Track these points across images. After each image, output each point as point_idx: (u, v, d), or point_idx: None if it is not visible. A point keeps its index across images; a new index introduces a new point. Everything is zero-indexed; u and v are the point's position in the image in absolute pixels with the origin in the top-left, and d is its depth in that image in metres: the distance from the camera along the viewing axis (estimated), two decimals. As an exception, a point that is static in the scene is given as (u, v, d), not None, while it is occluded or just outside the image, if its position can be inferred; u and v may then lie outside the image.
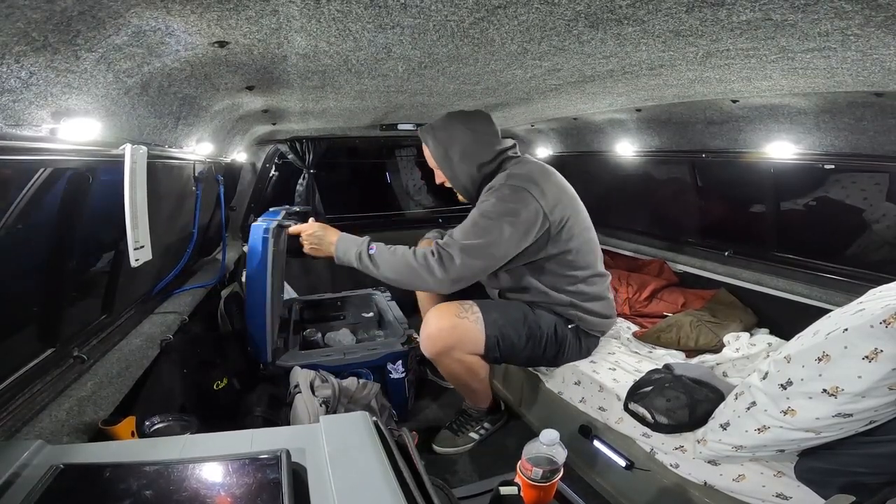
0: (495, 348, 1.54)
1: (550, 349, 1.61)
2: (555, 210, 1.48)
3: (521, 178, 1.48)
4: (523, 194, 1.44)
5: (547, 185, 1.50)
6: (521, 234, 1.44)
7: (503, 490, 0.87)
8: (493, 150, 1.57)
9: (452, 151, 1.57)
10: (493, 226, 1.42)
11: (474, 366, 1.59)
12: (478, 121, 1.59)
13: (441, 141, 1.58)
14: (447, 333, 1.52)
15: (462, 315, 1.53)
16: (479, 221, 1.45)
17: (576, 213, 1.56)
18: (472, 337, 1.52)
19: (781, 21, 0.77)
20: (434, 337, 1.54)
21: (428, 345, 1.56)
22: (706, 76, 1.22)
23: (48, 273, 1.04)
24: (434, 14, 0.76)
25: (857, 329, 0.91)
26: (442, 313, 1.54)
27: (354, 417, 0.80)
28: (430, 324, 1.55)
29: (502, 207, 1.43)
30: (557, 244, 1.51)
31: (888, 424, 0.94)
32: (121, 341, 1.27)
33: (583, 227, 1.59)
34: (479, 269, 1.45)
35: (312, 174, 2.75)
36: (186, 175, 1.65)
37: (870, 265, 1.64)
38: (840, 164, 1.57)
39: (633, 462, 1.34)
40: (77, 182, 1.02)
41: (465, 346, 1.53)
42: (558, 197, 1.51)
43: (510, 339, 1.54)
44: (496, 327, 1.53)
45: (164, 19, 0.70)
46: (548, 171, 1.58)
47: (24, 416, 0.87)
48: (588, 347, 1.69)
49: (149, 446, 0.76)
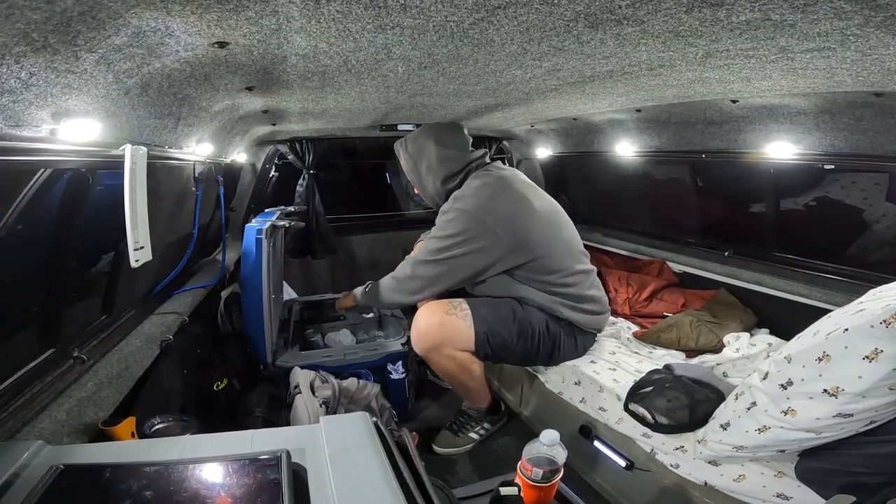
0: (485, 344, 1.55)
1: (545, 347, 1.61)
2: (506, 229, 1.50)
3: (468, 202, 1.54)
4: (472, 219, 1.51)
5: (496, 204, 1.52)
6: (472, 256, 1.52)
7: (503, 490, 0.87)
8: (459, 163, 1.64)
9: (420, 165, 1.67)
10: (447, 246, 1.53)
11: (467, 363, 1.60)
12: (447, 134, 1.66)
13: (411, 154, 1.69)
14: (436, 330, 1.55)
15: (450, 312, 1.55)
16: (431, 244, 1.57)
17: (531, 226, 1.54)
18: (460, 333, 1.54)
19: (781, 21, 0.77)
20: (423, 334, 1.57)
21: (418, 342, 1.59)
22: (706, 76, 1.22)
23: (48, 274, 1.04)
24: (434, 15, 0.76)
25: (858, 329, 0.91)
26: (430, 311, 1.57)
27: (354, 418, 0.80)
28: (419, 321, 1.58)
29: (453, 229, 1.53)
30: (518, 257, 1.54)
31: (889, 424, 0.94)
32: (121, 342, 1.27)
33: (544, 235, 1.57)
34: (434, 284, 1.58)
35: (312, 175, 2.75)
36: (186, 175, 1.65)
37: (870, 265, 1.64)
38: (840, 164, 1.57)
39: (634, 462, 1.34)
40: (77, 183, 1.02)
41: (454, 342, 1.55)
42: (510, 214, 1.52)
43: (500, 336, 1.55)
44: (485, 323, 1.54)
45: (164, 20, 0.70)
46: (502, 187, 1.57)
47: (24, 416, 0.87)
48: (584, 345, 1.69)
49: (149, 447, 0.75)
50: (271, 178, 2.79)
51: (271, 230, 1.74)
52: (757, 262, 2.01)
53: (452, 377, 1.67)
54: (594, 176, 2.86)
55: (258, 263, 1.69)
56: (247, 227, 1.71)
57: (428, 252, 1.57)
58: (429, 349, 1.58)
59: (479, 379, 1.70)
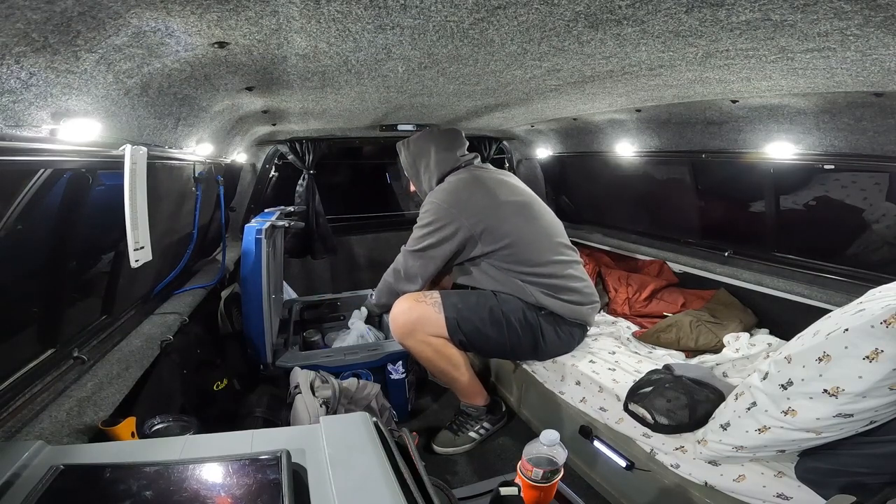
0: (457, 330, 1.63)
1: (525, 336, 1.65)
2: (474, 220, 1.64)
3: (441, 194, 1.70)
4: (441, 209, 1.66)
5: (461, 196, 1.67)
6: (446, 240, 1.66)
7: (503, 490, 0.87)
8: (446, 167, 1.79)
9: (419, 164, 1.84)
10: (421, 234, 1.70)
11: (442, 348, 1.66)
12: (446, 139, 1.82)
13: (412, 153, 1.86)
14: (405, 316, 1.66)
15: (420, 300, 1.67)
16: (414, 232, 1.75)
17: (497, 215, 1.66)
18: (431, 318, 1.63)
19: (781, 21, 0.77)
20: (396, 320, 1.68)
21: (394, 329, 1.70)
22: (706, 76, 1.22)
23: (48, 274, 1.04)
24: (434, 15, 0.76)
25: (858, 329, 0.91)
26: (403, 301, 1.70)
27: (354, 418, 0.80)
28: (394, 310, 1.70)
29: (426, 219, 1.70)
30: (488, 245, 1.66)
31: (889, 424, 0.94)
32: (121, 342, 1.27)
33: (513, 224, 1.67)
34: (418, 269, 1.72)
35: (312, 175, 2.75)
36: (186, 176, 1.65)
37: (870, 265, 1.64)
38: (840, 164, 1.57)
39: (634, 462, 1.34)
40: (77, 183, 1.02)
41: (425, 327, 1.64)
42: (482, 205, 1.66)
43: (472, 322, 1.63)
44: (455, 310, 1.64)
45: (164, 20, 0.70)
46: (471, 182, 1.72)
47: (25, 416, 0.87)
48: (571, 336, 1.71)
49: (149, 447, 0.75)
50: (271, 179, 2.79)
51: (271, 230, 1.75)
52: (757, 262, 2.01)
53: (434, 365, 1.72)
54: (594, 176, 2.86)
55: (258, 263, 1.69)
56: (246, 228, 1.72)
57: (411, 241, 1.75)
58: (403, 335, 1.68)
59: (464, 369, 1.73)
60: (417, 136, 1.86)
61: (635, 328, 1.98)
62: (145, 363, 1.24)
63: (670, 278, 2.35)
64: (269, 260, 1.73)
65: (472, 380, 1.77)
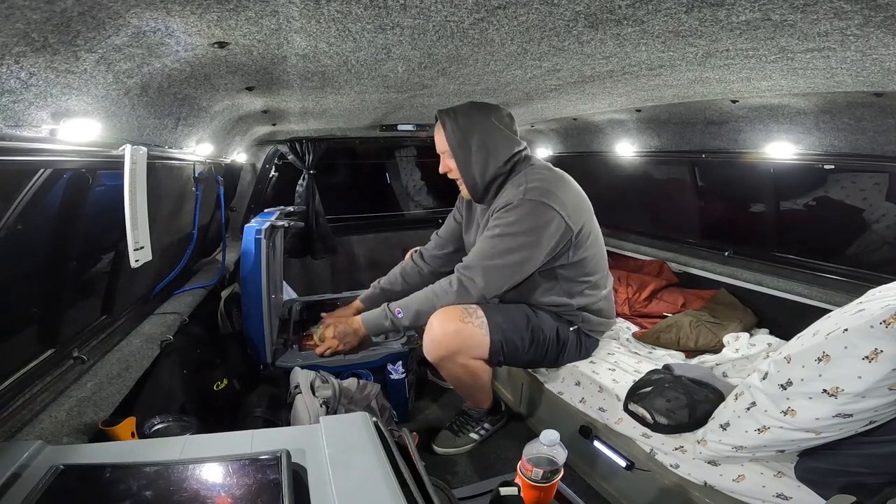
0: (499, 352, 1.52)
1: (552, 351, 1.61)
2: (576, 219, 1.48)
3: (540, 192, 1.44)
4: (544, 209, 1.43)
5: (566, 195, 1.49)
6: (544, 250, 1.45)
7: (503, 490, 0.87)
8: (509, 150, 1.53)
9: (471, 139, 1.51)
10: (515, 245, 1.44)
11: (478, 370, 1.58)
12: (503, 115, 1.54)
13: (461, 126, 1.51)
14: (451, 338, 1.49)
15: (466, 320, 1.49)
16: (499, 242, 1.45)
17: (591, 218, 1.57)
18: (476, 342, 1.49)
19: (781, 21, 0.77)
20: (438, 341, 1.50)
21: (431, 349, 1.53)
22: (706, 76, 1.22)
23: (48, 274, 1.04)
24: (434, 14, 0.76)
25: (857, 329, 0.91)
26: (446, 317, 1.50)
27: (354, 418, 0.80)
28: (434, 328, 1.50)
29: (526, 225, 1.43)
30: (578, 252, 1.52)
31: (888, 425, 0.94)
32: (121, 342, 1.27)
33: (598, 231, 1.61)
34: (502, 287, 1.50)
35: (312, 175, 2.75)
36: (186, 176, 1.65)
37: (870, 265, 1.64)
38: (840, 164, 1.57)
39: (634, 462, 1.34)
40: (77, 183, 1.02)
41: (469, 350, 1.51)
42: (577, 204, 1.51)
43: (514, 343, 1.53)
44: (500, 332, 1.50)
45: (164, 20, 0.70)
46: (564, 179, 1.57)
47: (24, 416, 0.87)
48: (588, 348, 1.69)
49: (149, 447, 0.75)
50: (271, 178, 2.79)
51: (271, 230, 1.74)
52: (757, 262, 2.01)
53: (460, 382, 1.66)
54: (594, 176, 2.86)
55: (258, 263, 1.69)
56: (246, 228, 1.71)
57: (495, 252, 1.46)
58: (442, 357, 1.53)
59: (487, 384, 1.69)
60: (468, 108, 1.53)
61: (635, 328, 1.98)
62: (145, 363, 1.24)
63: (670, 278, 2.35)
64: (268, 260, 1.72)
65: (487, 390, 1.75)
